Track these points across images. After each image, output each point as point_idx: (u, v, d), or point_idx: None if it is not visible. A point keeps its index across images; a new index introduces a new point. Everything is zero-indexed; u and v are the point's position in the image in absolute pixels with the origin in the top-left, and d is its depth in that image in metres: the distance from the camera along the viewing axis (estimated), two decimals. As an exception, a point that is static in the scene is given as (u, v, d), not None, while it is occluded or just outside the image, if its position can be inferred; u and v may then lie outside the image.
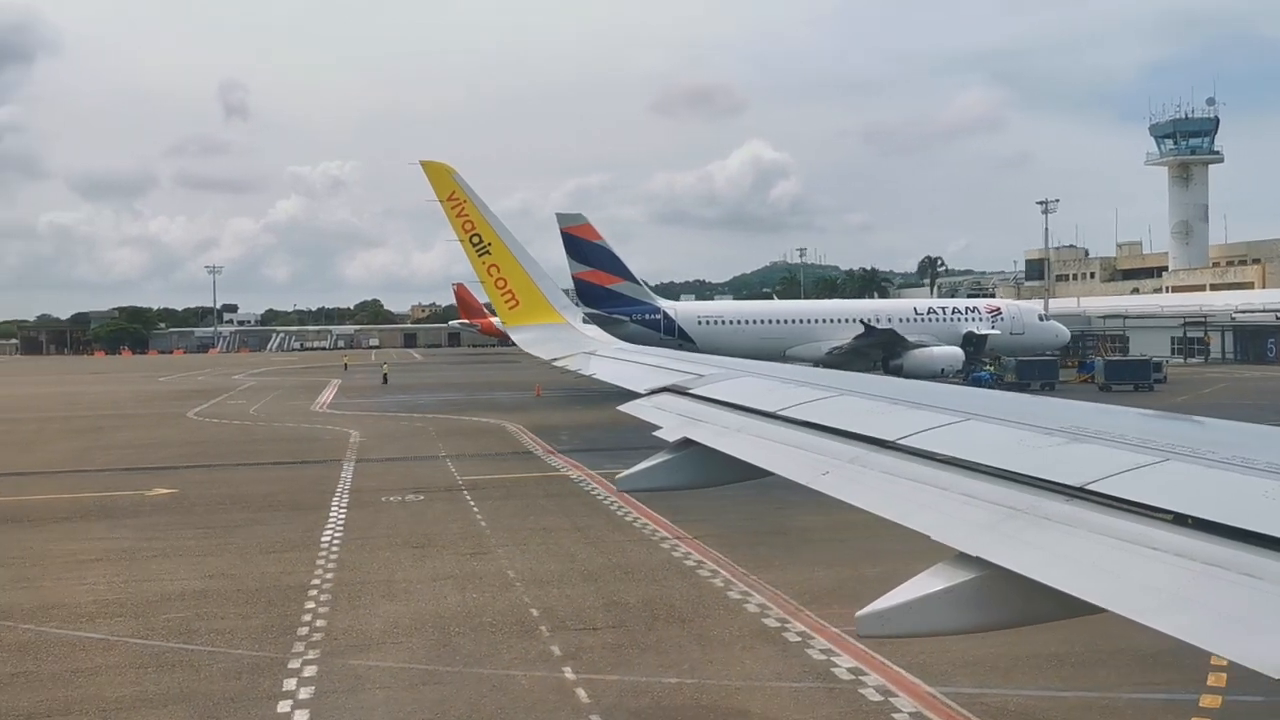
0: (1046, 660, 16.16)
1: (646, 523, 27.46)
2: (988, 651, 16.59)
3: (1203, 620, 4.12)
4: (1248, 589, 4.13)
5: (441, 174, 29.25)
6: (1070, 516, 5.28)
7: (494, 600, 20.36)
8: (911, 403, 8.33)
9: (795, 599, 19.89)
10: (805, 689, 15.17)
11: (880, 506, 6.43)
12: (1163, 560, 4.57)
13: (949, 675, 15.53)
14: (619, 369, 16.34)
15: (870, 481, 6.86)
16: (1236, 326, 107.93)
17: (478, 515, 29.25)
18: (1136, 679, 15.35)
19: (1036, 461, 6.03)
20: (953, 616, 5.35)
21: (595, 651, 17.05)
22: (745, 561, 22.97)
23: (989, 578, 5.20)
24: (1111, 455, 5.82)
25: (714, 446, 8.94)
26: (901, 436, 7.18)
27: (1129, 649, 16.08)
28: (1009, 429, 6.92)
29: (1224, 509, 4.67)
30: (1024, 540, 5.26)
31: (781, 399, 9.27)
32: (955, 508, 5.94)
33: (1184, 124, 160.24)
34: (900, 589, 5.50)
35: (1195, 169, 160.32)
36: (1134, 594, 4.48)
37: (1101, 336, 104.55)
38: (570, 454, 42.38)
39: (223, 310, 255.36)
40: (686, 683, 15.54)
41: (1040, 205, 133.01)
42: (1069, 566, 4.87)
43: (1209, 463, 5.45)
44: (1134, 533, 4.87)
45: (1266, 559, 4.24)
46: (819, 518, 27.54)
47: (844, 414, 8.22)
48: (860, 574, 21.87)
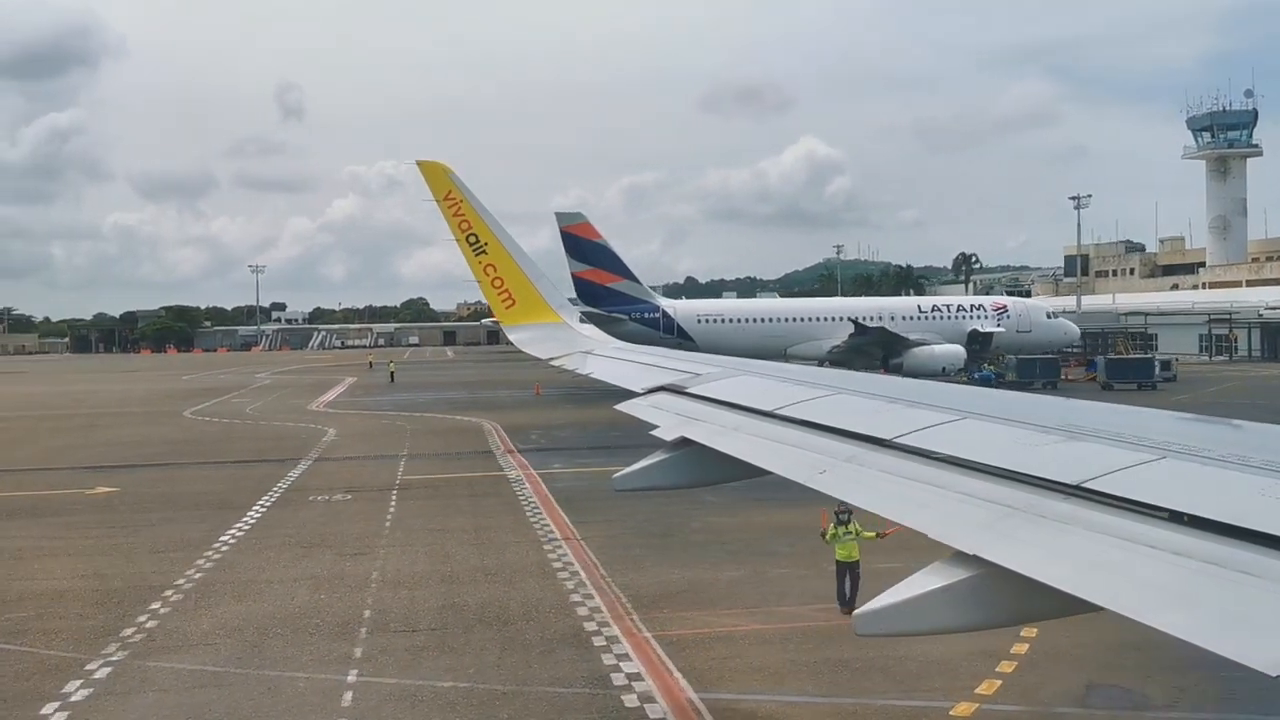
0: (829, 666, 16.03)
1: (549, 524, 27.46)
2: (779, 659, 16.45)
3: (1200, 618, 4.15)
4: (1245, 587, 4.16)
5: (438, 173, 29.37)
6: (1067, 515, 5.33)
7: (337, 601, 20.48)
8: (908, 401, 8.39)
9: (632, 601, 19.93)
10: (570, 694, 15.20)
11: (877, 505, 6.51)
12: (1160, 558, 4.61)
13: (721, 682, 15.45)
14: (616, 368, 16.55)
15: (867, 480, 6.91)
16: (1264, 323, 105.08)
17: (389, 516, 29.36)
18: (905, 686, 15.07)
19: (1033, 460, 6.10)
20: (950, 615, 5.38)
21: (394, 654, 17.13)
22: (613, 563, 23.03)
23: (986, 576, 5.24)
24: (1108, 453, 5.88)
25: (711, 445, 9.03)
26: (898, 435, 7.24)
27: (917, 656, 15.86)
28: (1006, 427, 6.99)
29: (1221, 507, 4.71)
30: (1021, 538, 5.31)
31: (778, 398, 9.35)
32: (952, 506, 6.01)
33: (1221, 117, 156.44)
34: (897, 588, 5.49)
35: (1233, 163, 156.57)
36: (1131, 592, 4.52)
37: (1121, 334, 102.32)
38: (528, 453, 42.48)
39: (271, 309, 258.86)
40: (459, 686, 15.64)
41: (1073, 200, 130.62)
42: (1066, 565, 4.91)
43: (1205, 460, 5.50)
44: (1131, 531, 4.92)
45: (1264, 557, 4.27)
46: (729, 519, 27.68)
47: (841, 413, 8.29)
48: (717, 577, 21.99)
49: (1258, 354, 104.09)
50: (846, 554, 18.52)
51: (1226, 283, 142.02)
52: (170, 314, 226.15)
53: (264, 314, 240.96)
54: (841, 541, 18.46)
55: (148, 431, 54.26)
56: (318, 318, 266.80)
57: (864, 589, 17.65)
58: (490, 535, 26.46)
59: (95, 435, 53.19)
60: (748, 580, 21.55)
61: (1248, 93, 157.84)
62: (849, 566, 18.55)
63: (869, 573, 19.39)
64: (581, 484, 34.02)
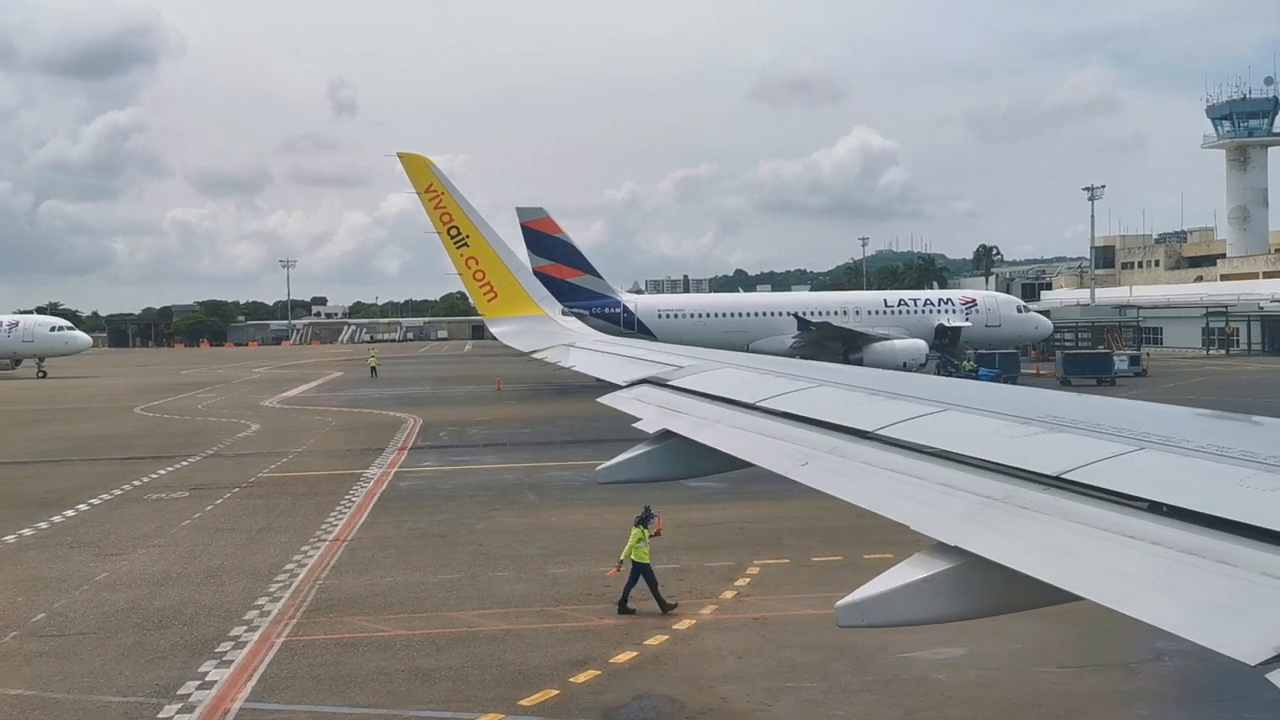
0: (410, 673, 15.65)
1: (338, 525, 27.08)
2: (377, 665, 16.00)
3: (1180, 608, 4.20)
4: (1224, 577, 4.22)
5: (420, 166, 29.32)
6: (1047, 505, 5.40)
7: (25, 603, 20.32)
8: (890, 393, 8.46)
9: (314, 605, 20.20)
10: (117, 703, 15.04)
11: (858, 496, 6.53)
12: (1139, 548, 4.67)
13: (281, 692, 15.09)
14: (598, 361, 16.57)
15: (849, 471, 6.97)
16: (1265, 316, 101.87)
17: (197, 515, 29.18)
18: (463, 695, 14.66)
19: (1013, 451, 6.15)
20: (931, 606, 5.42)
21: (9, 660, 16.83)
22: (346, 566, 23.22)
23: (967, 567, 5.30)
24: (1087, 444, 5.95)
25: (693, 438, 9.09)
26: (880, 427, 7.30)
27: (504, 664, 15.37)
28: (986, 419, 7.05)
29: (1199, 497, 4.78)
30: (1002, 529, 5.39)
31: (760, 390, 9.43)
32: (933, 497, 6.07)
33: (1241, 105, 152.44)
34: (879, 579, 5.52)
35: (1253, 152, 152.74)
36: (1111, 582, 4.57)
37: (1114, 328, 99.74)
38: (416, 451, 42.53)
39: (311, 303, 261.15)
40: (26, 694, 15.27)
41: (1087, 191, 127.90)
42: (1046, 555, 4.97)
43: (1183, 451, 5.57)
44: (1110, 521, 4.98)
45: (1242, 547, 4.33)
46: (524, 519, 27.48)
47: (823, 405, 8.34)
48: (428, 580, 21.87)
49: (1258, 347, 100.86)
50: (643, 555, 18.46)
51: (1243, 274, 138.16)
52: (204, 308, 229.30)
53: (304, 308, 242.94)
54: (647, 544, 18.51)
55: (73, 429, 54.09)
56: (357, 312, 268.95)
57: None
58: (267, 536, 26.16)
59: (19, 433, 53.18)
60: (453, 585, 21.17)
61: (1268, 80, 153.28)
62: (643, 568, 18.50)
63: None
64: (424, 483, 33.82)
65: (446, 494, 31.95)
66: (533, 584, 21.02)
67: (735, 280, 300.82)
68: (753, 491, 27.18)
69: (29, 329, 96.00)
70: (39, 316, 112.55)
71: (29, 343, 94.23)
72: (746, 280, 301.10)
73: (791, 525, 24.83)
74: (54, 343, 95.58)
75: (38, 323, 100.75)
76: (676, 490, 22.71)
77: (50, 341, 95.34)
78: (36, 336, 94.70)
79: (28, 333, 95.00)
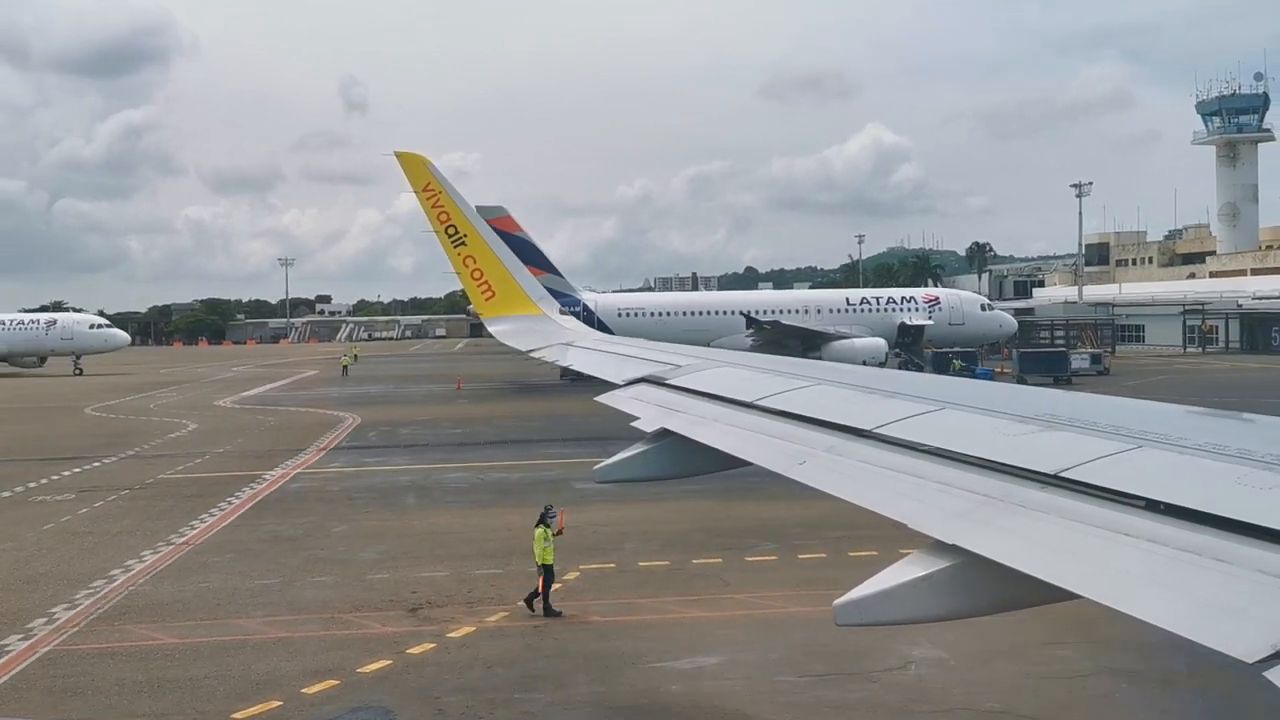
0: (119, 685, 15.32)
1: (198, 529, 26.71)
2: (105, 676, 15.58)
3: (1177, 606, 4.21)
4: (1222, 575, 4.24)
5: (417, 165, 29.05)
6: (1045, 503, 5.42)
7: None
8: (888, 392, 8.48)
9: (112, 610, 19.81)
10: None
11: (856, 495, 6.54)
12: (1136, 546, 4.69)
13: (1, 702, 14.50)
14: (596, 360, 16.50)
15: (847, 470, 6.97)
16: (1243, 314, 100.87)
17: (71, 517, 28.88)
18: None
19: (1011, 449, 6.17)
20: (929, 604, 5.45)
21: None
22: (174, 571, 23.09)
23: (965, 565, 5.32)
24: (1085, 442, 5.97)
25: (691, 437, 9.10)
26: (878, 425, 7.29)
27: (248, 675, 15.23)
28: (984, 417, 7.06)
29: (1196, 495, 4.80)
30: (999, 527, 5.41)
31: (758, 389, 9.42)
32: (931, 496, 6.09)
33: (1231, 101, 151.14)
34: (877, 577, 5.54)
35: (1243, 148, 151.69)
36: (1108, 580, 4.60)
37: (1087, 326, 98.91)
38: (335, 452, 42.27)
39: (315, 301, 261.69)
40: None
41: (1075, 188, 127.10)
42: (1044, 553, 5.00)
43: (1181, 450, 5.58)
44: (1108, 519, 5.00)
45: (1240, 545, 4.35)
46: (389, 523, 27.19)
47: (821, 403, 8.36)
48: (239, 587, 21.30)
49: (1235, 345, 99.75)
50: (547, 556, 18.35)
51: (1232, 271, 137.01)
52: (204, 307, 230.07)
53: (308, 306, 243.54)
54: (550, 543, 18.44)
55: (5, 430, 53.69)
56: (360, 310, 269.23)
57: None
58: (119, 540, 25.79)
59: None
60: (262, 591, 20.88)
61: (1258, 76, 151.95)
62: (548, 569, 18.40)
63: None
64: (314, 485, 33.52)
65: (328, 497, 31.60)
66: (343, 590, 20.64)
67: (745, 278, 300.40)
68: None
69: (68, 326, 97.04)
70: (77, 314, 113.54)
71: (68, 340, 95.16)
72: (756, 278, 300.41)
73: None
74: (93, 340, 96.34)
75: (77, 320, 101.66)
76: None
77: (89, 339, 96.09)
78: (76, 334, 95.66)
79: (67, 330, 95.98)
